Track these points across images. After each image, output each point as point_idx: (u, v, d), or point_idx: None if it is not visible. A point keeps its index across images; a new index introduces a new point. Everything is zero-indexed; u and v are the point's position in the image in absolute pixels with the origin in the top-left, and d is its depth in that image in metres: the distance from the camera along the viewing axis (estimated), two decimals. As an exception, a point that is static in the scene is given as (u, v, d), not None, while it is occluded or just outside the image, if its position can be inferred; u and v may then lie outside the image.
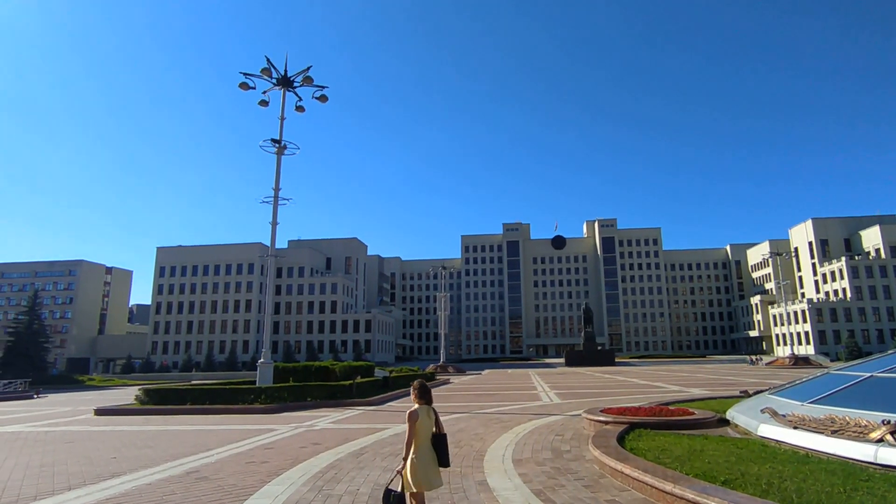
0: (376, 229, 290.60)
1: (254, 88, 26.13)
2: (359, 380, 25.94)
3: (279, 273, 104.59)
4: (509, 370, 65.78)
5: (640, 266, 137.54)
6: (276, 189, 27.19)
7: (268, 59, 26.09)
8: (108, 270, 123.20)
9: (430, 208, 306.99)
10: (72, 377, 62.92)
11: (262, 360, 24.55)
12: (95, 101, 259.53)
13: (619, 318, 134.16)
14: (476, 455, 10.06)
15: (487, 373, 59.57)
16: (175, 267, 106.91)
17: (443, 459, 5.43)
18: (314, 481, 8.15)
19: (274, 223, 27.16)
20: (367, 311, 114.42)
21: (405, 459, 5.35)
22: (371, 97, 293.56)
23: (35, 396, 35.94)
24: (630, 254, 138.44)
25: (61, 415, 22.43)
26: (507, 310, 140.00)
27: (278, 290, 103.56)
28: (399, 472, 5.41)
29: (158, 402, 21.76)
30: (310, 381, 25.71)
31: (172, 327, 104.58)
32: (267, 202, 27.24)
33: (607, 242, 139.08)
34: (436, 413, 5.60)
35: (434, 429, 5.51)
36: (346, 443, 11.96)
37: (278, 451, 11.05)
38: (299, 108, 27.84)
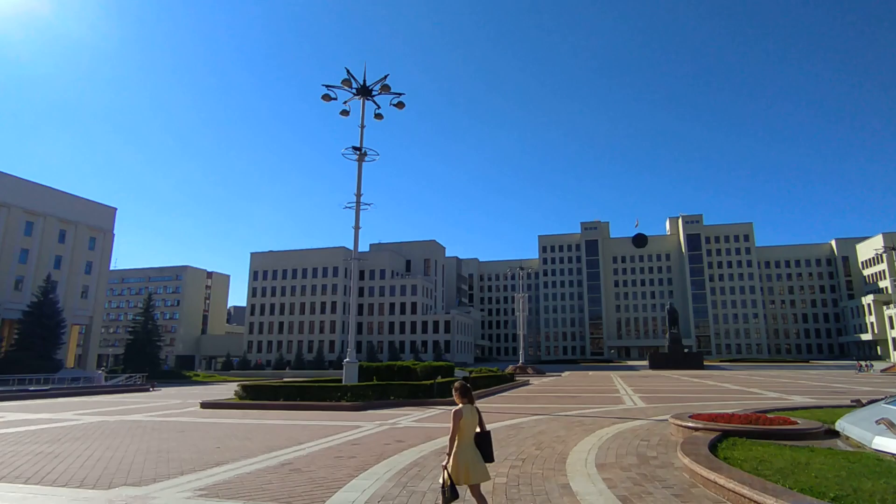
0: (454, 232, 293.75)
1: (335, 99, 27.38)
2: (439, 380, 26.34)
3: (361, 275, 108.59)
4: (590, 372, 64.03)
5: (729, 264, 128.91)
6: (358, 194, 28.25)
7: (348, 71, 27.20)
8: (209, 275, 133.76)
9: (506, 210, 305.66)
10: (180, 373, 68.88)
11: (347, 359, 25.61)
12: (193, 120, 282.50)
13: (708, 320, 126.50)
14: (558, 458, 9.94)
15: (567, 374, 58.34)
16: (267, 271, 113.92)
17: (487, 455, 5.77)
18: (399, 477, 8.42)
19: (357, 227, 28.22)
20: (446, 312, 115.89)
21: (449, 455, 5.71)
22: (442, 102, 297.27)
23: (151, 389, 39.74)
24: (718, 251, 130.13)
25: (173, 406, 24.63)
26: (587, 310, 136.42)
27: (361, 292, 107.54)
28: (444, 467, 5.71)
29: (254, 397, 23.32)
30: (393, 380, 26.48)
31: (266, 328, 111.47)
32: (350, 208, 28.40)
33: (693, 239, 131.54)
34: (479, 412, 5.91)
35: (477, 427, 5.83)
36: (428, 441, 12.22)
37: (364, 447, 11.51)
38: (378, 116, 28.79)
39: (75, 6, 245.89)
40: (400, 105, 27.92)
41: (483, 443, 5.81)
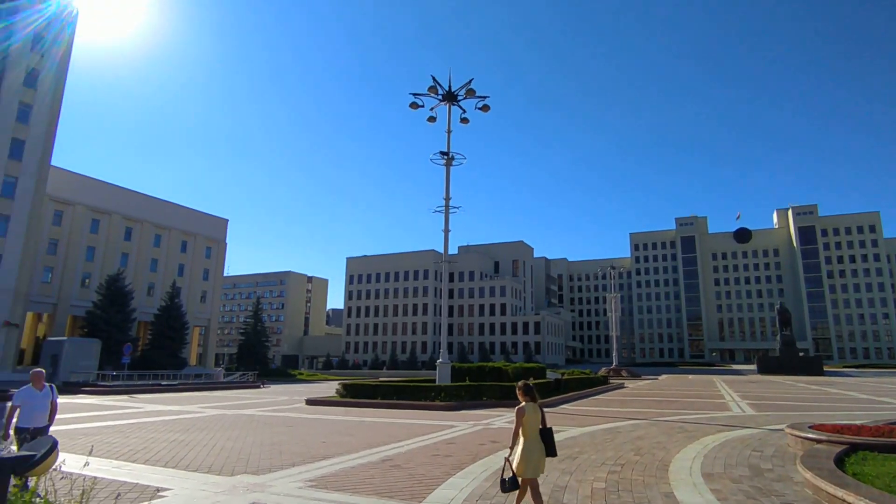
0: (542, 232, 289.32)
1: (422, 107, 28.10)
2: (531, 381, 26.13)
3: (451, 277, 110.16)
4: (690, 376, 60.29)
5: (852, 258, 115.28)
6: (447, 198, 28.75)
7: (433, 78, 27.82)
8: (309, 279, 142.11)
9: (595, 208, 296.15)
10: (286, 371, 73.67)
11: (440, 360, 26.14)
12: (294, 135, 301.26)
13: (827, 320, 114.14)
14: (659, 465, 9.55)
15: (665, 378, 55.41)
16: (362, 275, 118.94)
17: (550, 450, 6.11)
18: (495, 477, 8.52)
19: (446, 231, 28.71)
20: (535, 313, 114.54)
21: (511, 448, 6.12)
22: (528, 101, 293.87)
23: (261, 386, 42.95)
24: (838, 244, 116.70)
25: (281, 402, 26.46)
26: (685, 310, 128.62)
27: (450, 294, 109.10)
28: (507, 460, 6.09)
29: (354, 395, 24.46)
30: (485, 380, 26.64)
31: (362, 329, 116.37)
32: (439, 212, 28.96)
33: (806, 232, 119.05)
34: (542, 410, 6.26)
35: (540, 424, 6.17)
36: (522, 443, 12.22)
37: (460, 447, 11.74)
38: (464, 121, 29.16)
39: (186, 35, 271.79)
40: (485, 108, 28.08)
41: (547, 438, 6.13)
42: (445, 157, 28.86)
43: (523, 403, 6.19)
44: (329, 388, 36.73)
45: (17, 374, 40.92)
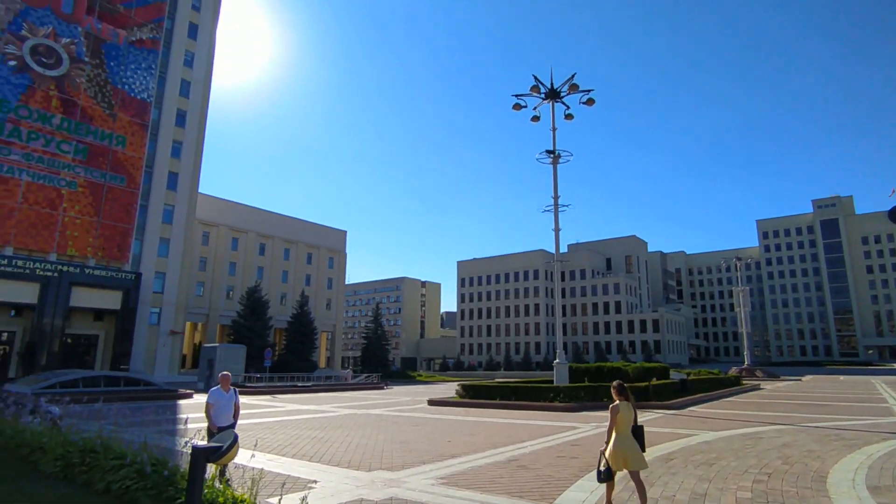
0: (655, 225, 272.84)
1: (525, 107, 28.03)
2: (654, 382, 24.91)
3: (562, 276, 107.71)
4: (841, 377, 53.34)
5: None
6: (555, 197, 28.40)
7: (535, 77, 27.64)
8: (423, 284, 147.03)
9: (713, 196, 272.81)
10: (405, 373, 76.86)
11: (557, 360, 25.84)
12: (402, 147, 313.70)
13: None
14: (815, 476, 8.71)
15: (809, 379, 49.62)
16: (472, 278, 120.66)
17: (640, 445, 6.63)
18: (624, 482, 8.30)
19: (556, 229, 28.36)
20: (653, 310, 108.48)
21: (607, 443, 6.72)
22: (634, 84, 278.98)
23: (385, 387, 45.29)
24: None
25: (405, 403, 27.71)
26: (830, 303, 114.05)
27: (562, 293, 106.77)
28: (602, 453, 6.72)
29: (473, 396, 24.97)
30: (603, 381, 25.84)
31: (475, 331, 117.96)
32: (548, 211, 28.68)
33: None
34: (635, 409, 6.83)
35: (633, 422, 6.70)
36: (651, 446, 11.70)
37: (585, 448, 11.59)
38: (568, 117, 28.62)
39: (301, 63, 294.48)
40: (590, 102, 27.34)
41: (638, 434, 6.68)
42: (552, 155, 28.52)
43: (617, 402, 6.81)
44: (447, 389, 37.71)
45: (182, 375, 47.06)
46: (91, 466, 7.69)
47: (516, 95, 27.82)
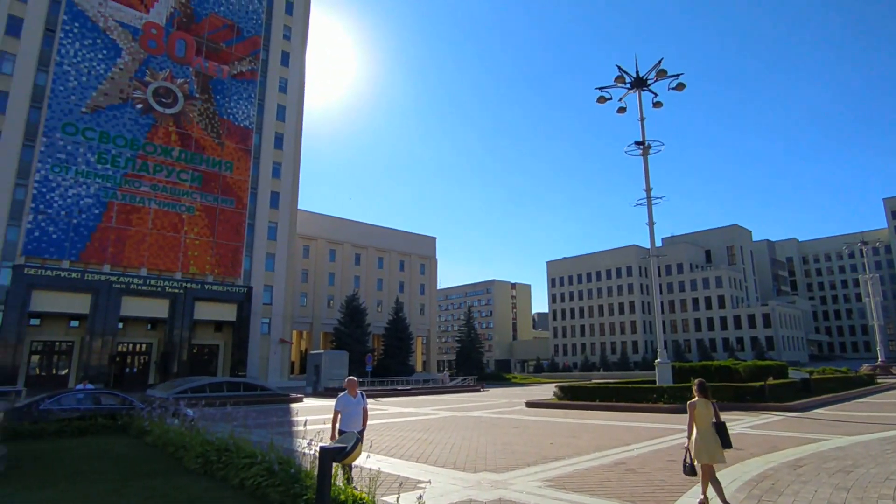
0: (760, 212, 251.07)
1: (610, 98, 27.20)
2: (770, 381, 23.06)
3: (658, 272, 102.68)
4: None
5: None
6: (648, 189, 27.27)
7: (619, 68, 26.78)
8: (513, 286, 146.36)
9: (827, 176, 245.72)
10: (500, 375, 76.92)
11: (658, 359, 24.75)
12: (485, 146, 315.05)
13: None
14: (975, 485, 7.70)
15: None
16: (563, 277, 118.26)
17: (725, 442, 6.93)
18: (748, 489, 7.87)
19: (650, 223, 27.24)
20: (762, 303, 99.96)
21: (688, 438, 7.19)
22: (726, 55, 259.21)
23: (481, 389, 45.68)
24: None
25: (502, 405, 27.81)
26: None
27: (659, 290, 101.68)
28: (685, 448, 7.22)
29: (571, 398, 24.54)
30: (711, 381, 24.31)
31: (568, 331, 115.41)
32: (640, 204, 27.61)
33: None
34: (714, 405, 7.13)
35: (713, 418, 7.03)
36: (773, 451, 10.96)
37: (697, 453, 11.02)
38: (657, 105, 27.40)
39: (384, 79, 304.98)
40: (680, 87, 26.04)
41: (721, 431, 6.97)
42: (641, 146, 27.43)
43: (695, 399, 7.21)
44: (544, 391, 37.27)
45: (291, 380, 50.43)
46: (226, 464, 8.55)
47: (600, 88, 27.10)
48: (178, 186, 44.44)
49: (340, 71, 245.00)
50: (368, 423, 9.84)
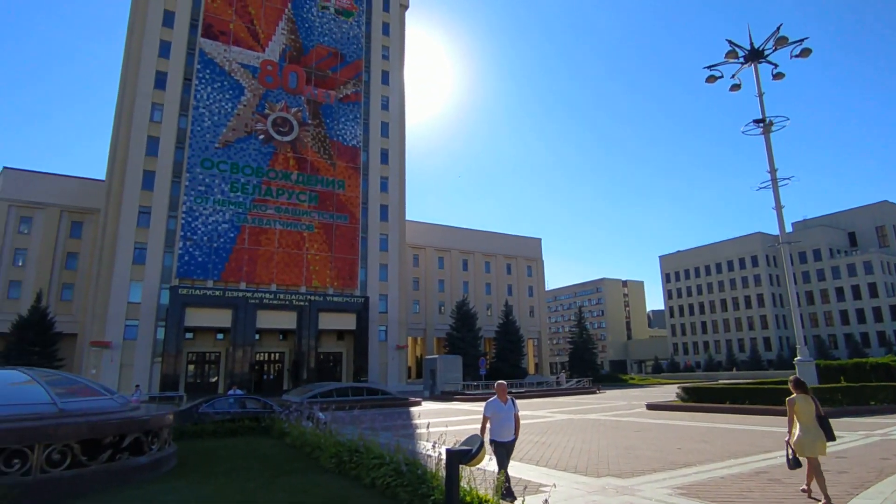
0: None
1: (721, 77, 25.23)
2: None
3: (790, 260, 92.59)
4: None
5: None
6: (772, 170, 24.87)
7: (730, 42, 24.77)
8: (624, 283, 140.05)
9: None
10: (616, 376, 73.86)
11: (798, 357, 22.37)
12: (585, 141, 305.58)
13: None
14: None
15: None
16: (678, 272, 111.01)
17: (829, 435, 7.18)
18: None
19: (778, 207, 24.83)
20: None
21: (789, 433, 7.51)
22: (857, 26, 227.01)
23: (597, 391, 44.26)
24: None
25: (620, 407, 26.77)
26: None
27: (793, 280, 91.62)
28: (787, 442, 7.50)
29: (697, 399, 22.99)
30: (868, 381, 21.57)
31: (688, 329, 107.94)
32: (764, 187, 25.25)
33: None
34: (814, 400, 7.39)
35: (815, 413, 7.25)
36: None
37: (854, 461, 9.91)
38: (777, 76, 24.92)
39: (479, 88, 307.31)
40: (805, 53, 23.48)
41: (824, 424, 7.20)
42: (761, 124, 25.10)
43: (794, 395, 7.51)
44: (665, 393, 35.27)
45: (409, 385, 52.46)
46: (357, 464, 9.20)
47: (709, 67, 25.23)
48: (297, 207, 48.30)
49: (436, 80, 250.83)
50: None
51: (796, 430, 7.30)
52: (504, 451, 7.94)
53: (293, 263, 47.23)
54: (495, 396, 8.04)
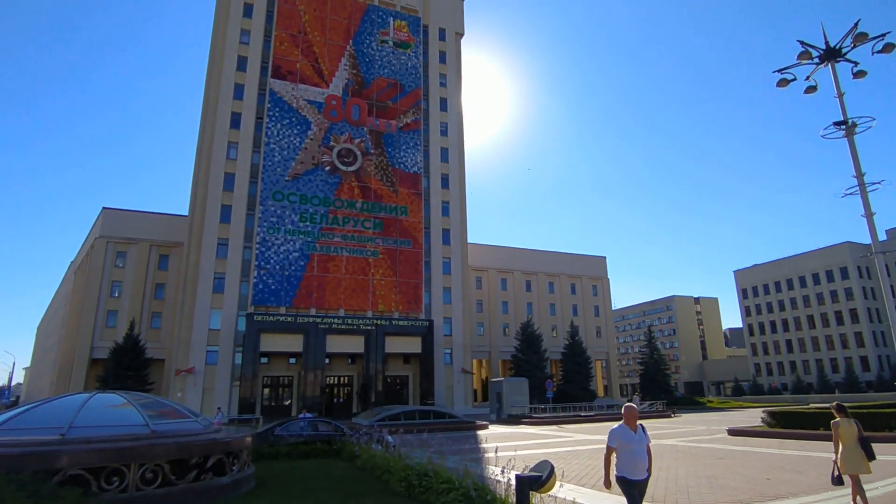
0: None
1: (794, 79, 23.89)
2: None
3: (886, 271, 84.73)
4: None
5: None
6: (859, 175, 22.90)
7: (802, 43, 23.23)
8: (696, 301, 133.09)
9: None
10: (692, 399, 69.89)
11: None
12: (645, 158, 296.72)
13: None
14: None
15: None
16: (756, 287, 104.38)
17: (869, 454, 7.77)
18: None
19: (868, 215, 22.84)
20: None
21: (835, 453, 8.09)
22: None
23: (672, 415, 42.02)
24: None
25: (699, 432, 25.31)
26: None
27: (892, 293, 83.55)
28: (834, 462, 8.06)
29: (786, 425, 21.40)
30: None
31: (770, 348, 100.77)
32: (850, 193, 23.45)
33: None
34: (857, 423, 8.01)
35: (857, 434, 7.86)
36: None
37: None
38: (859, 75, 23.07)
39: (537, 110, 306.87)
40: (888, 48, 21.80)
41: (865, 445, 7.80)
42: (843, 127, 23.47)
43: (838, 419, 8.13)
44: (747, 417, 33.02)
45: (475, 408, 52.00)
46: (426, 488, 9.26)
47: (779, 71, 23.96)
48: (362, 234, 49.83)
49: (494, 103, 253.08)
50: (555, 450, 9.79)
51: (840, 450, 8.00)
52: (637, 492, 6.49)
53: (360, 289, 48.54)
54: (621, 423, 6.69)
